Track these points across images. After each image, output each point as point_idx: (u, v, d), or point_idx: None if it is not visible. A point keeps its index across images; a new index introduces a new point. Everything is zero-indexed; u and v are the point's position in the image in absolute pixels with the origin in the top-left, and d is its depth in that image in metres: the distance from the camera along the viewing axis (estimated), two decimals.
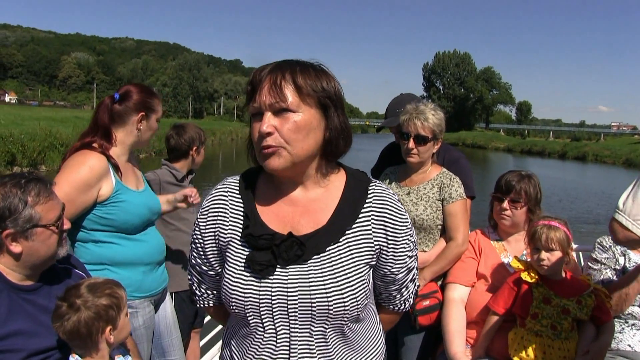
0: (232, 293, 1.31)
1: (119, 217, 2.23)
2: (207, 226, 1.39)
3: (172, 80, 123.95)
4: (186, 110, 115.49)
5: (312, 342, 1.30)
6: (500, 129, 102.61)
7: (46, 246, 1.65)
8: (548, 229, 2.21)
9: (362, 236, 1.33)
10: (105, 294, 1.67)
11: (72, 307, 1.62)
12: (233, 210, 1.37)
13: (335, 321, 1.30)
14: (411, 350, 2.63)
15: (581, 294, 2.22)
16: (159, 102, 2.40)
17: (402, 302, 1.52)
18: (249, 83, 1.28)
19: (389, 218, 1.34)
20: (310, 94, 1.24)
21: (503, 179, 2.53)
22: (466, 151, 60.65)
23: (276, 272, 1.28)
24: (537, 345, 2.21)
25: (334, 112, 1.29)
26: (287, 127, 1.23)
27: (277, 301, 1.28)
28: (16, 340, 1.60)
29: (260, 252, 1.28)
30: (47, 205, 1.63)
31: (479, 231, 2.67)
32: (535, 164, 44.55)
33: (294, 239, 1.28)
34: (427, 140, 2.52)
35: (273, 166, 1.25)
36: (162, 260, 2.49)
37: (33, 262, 1.65)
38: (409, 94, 3.00)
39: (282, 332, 1.30)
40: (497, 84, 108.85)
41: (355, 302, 1.29)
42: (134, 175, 2.40)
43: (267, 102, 1.23)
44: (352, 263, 1.30)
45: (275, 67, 1.26)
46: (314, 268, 1.28)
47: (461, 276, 2.52)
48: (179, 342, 2.65)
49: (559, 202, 19.86)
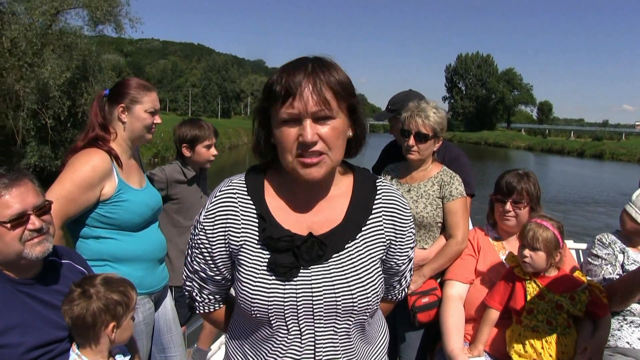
0: (254, 298, 1.28)
1: (120, 216, 2.23)
2: (216, 230, 1.34)
3: (201, 81, 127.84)
4: (215, 110, 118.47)
5: (336, 339, 1.31)
6: (522, 129, 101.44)
7: (3, 243, 1.59)
8: (537, 227, 2.21)
9: (376, 231, 1.34)
10: (118, 290, 1.69)
11: (84, 294, 1.64)
12: (244, 212, 1.33)
13: (359, 316, 1.31)
14: (410, 346, 2.64)
15: (575, 290, 2.22)
16: (146, 94, 2.34)
17: (400, 292, 1.55)
18: (282, 86, 1.21)
19: (397, 213, 1.37)
20: (345, 98, 1.24)
21: (503, 181, 2.51)
22: (488, 150, 62.60)
23: (299, 273, 1.28)
24: (535, 341, 2.21)
25: (361, 115, 1.29)
26: (330, 135, 1.21)
27: (302, 302, 1.27)
28: (15, 334, 1.60)
29: (282, 255, 1.27)
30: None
31: (478, 229, 2.67)
32: (555, 161, 46.73)
33: (314, 239, 1.28)
34: (428, 137, 2.52)
35: (315, 176, 1.24)
36: (163, 258, 2.49)
37: (3, 260, 1.63)
38: (413, 91, 3.01)
39: (306, 332, 1.30)
40: (518, 85, 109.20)
41: (377, 295, 1.32)
42: (137, 173, 2.41)
43: (310, 109, 1.19)
44: (370, 258, 1.32)
45: (311, 71, 1.21)
46: (335, 266, 1.29)
47: (460, 273, 2.53)
48: (180, 339, 2.64)
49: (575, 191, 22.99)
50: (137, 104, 2.32)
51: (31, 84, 16.62)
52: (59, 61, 17.36)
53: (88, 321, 1.63)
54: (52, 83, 16.98)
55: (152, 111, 2.36)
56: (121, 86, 2.36)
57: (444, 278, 2.59)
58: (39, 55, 17.27)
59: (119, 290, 1.70)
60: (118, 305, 1.68)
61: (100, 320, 1.64)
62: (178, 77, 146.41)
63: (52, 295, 1.73)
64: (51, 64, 16.86)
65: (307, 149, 1.21)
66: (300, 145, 1.21)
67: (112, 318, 1.67)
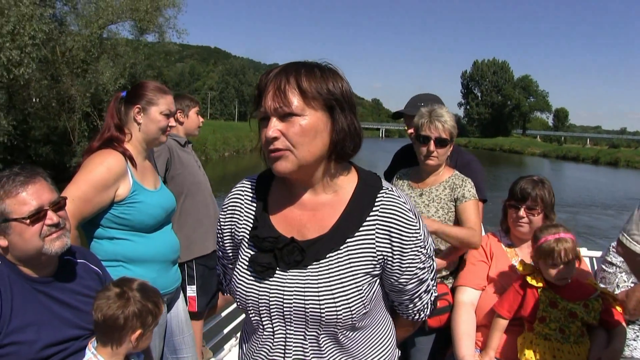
0: (236, 290, 1.37)
1: (134, 217, 2.26)
2: (225, 223, 1.45)
3: (219, 84, 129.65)
4: (232, 114, 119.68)
5: (305, 345, 1.32)
6: (537, 136, 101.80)
7: (23, 240, 1.62)
8: (559, 242, 2.18)
9: (364, 245, 1.31)
10: (153, 300, 1.71)
11: (122, 296, 1.66)
12: (246, 210, 1.41)
13: (328, 328, 1.30)
14: (420, 352, 2.62)
15: (588, 298, 2.20)
16: (162, 96, 2.37)
17: (416, 313, 1.51)
18: (256, 87, 1.28)
19: (395, 228, 1.32)
20: (316, 96, 1.24)
21: (517, 186, 2.50)
22: (502, 156, 62.88)
23: (276, 274, 1.31)
24: (547, 349, 2.19)
25: (340, 114, 1.27)
26: (292, 131, 1.23)
27: (274, 303, 1.31)
28: (31, 331, 1.62)
29: (263, 254, 1.32)
30: (16, 198, 1.61)
31: (491, 235, 2.65)
32: (569, 168, 47.14)
33: (295, 244, 1.30)
34: (447, 142, 2.52)
35: (280, 169, 1.26)
36: (176, 260, 2.51)
37: (20, 256, 1.65)
38: (431, 94, 2.99)
39: (278, 333, 1.33)
40: (534, 92, 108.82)
41: (349, 311, 1.29)
42: (152, 175, 2.44)
43: (272, 107, 1.23)
44: (349, 272, 1.30)
45: (280, 71, 1.25)
46: (311, 274, 1.30)
47: (472, 279, 2.52)
48: (191, 341, 2.67)
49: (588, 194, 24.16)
50: (152, 106, 2.36)
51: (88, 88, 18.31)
52: (114, 69, 19.08)
53: (120, 323, 1.64)
54: (110, 88, 18.47)
55: (167, 113, 2.39)
56: (138, 88, 2.40)
57: (456, 284, 2.58)
58: (94, 63, 19.04)
59: (153, 300, 1.72)
60: (150, 315, 1.70)
61: (131, 324, 1.66)
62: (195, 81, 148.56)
63: (67, 294, 1.75)
64: (108, 71, 18.55)
65: (268, 145, 1.25)
66: (265, 142, 1.26)
67: (141, 325, 1.68)
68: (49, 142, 19.89)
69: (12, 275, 1.65)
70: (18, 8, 15.58)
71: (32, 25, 15.91)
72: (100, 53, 19.46)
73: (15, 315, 1.61)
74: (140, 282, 1.75)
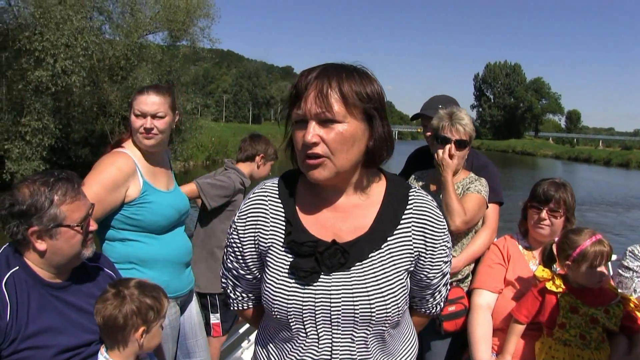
0: (275, 299, 1.31)
1: (146, 217, 2.26)
2: (247, 231, 1.38)
3: (233, 87, 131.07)
4: (246, 116, 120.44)
5: (353, 348, 1.31)
6: (550, 137, 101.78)
7: (69, 246, 1.66)
8: (598, 245, 2.15)
9: (403, 243, 1.33)
10: (152, 295, 1.70)
11: (118, 295, 1.66)
12: (273, 215, 1.36)
13: (377, 327, 1.31)
14: (436, 355, 2.60)
15: (609, 304, 2.17)
16: (137, 97, 2.33)
17: (435, 306, 1.53)
18: (293, 87, 1.26)
19: (429, 225, 1.35)
20: (356, 104, 1.23)
21: (540, 188, 2.47)
22: (515, 157, 63.09)
23: (320, 279, 1.29)
24: (566, 355, 2.17)
25: (379, 122, 1.27)
26: (332, 138, 1.22)
27: (320, 308, 1.29)
28: (47, 337, 1.62)
29: (304, 259, 1.29)
30: (72, 205, 1.64)
31: (509, 237, 2.62)
32: (581, 169, 47.51)
33: (338, 247, 1.28)
34: (467, 144, 2.52)
35: (317, 177, 1.25)
36: (189, 262, 2.51)
37: (57, 261, 1.67)
38: (448, 95, 2.99)
39: (324, 338, 1.31)
40: (546, 94, 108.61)
41: (397, 307, 1.31)
42: (164, 176, 2.43)
43: (313, 111, 1.21)
44: (393, 269, 1.31)
45: (321, 73, 1.23)
46: (356, 275, 1.29)
47: (489, 282, 2.49)
48: (204, 344, 2.67)
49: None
50: (132, 108, 2.32)
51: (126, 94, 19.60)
52: (152, 75, 20.35)
53: (119, 322, 1.64)
54: None
55: (137, 114, 2.29)
56: (139, 91, 2.38)
57: (472, 287, 2.55)
58: (134, 70, 20.27)
59: (152, 295, 1.71)
60: (150, 310, 1.69)
61: (131, 322, 1.66)
62: (209, 84, 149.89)
63: (82, 298, 1.75)
64: (148, 77, 19.84)
65: (306, 150, 1.23)
66: (302, 146, 1.24)
67: (142, 322, 1.68)
68: (87, 144, 20.81)
69: (29, 280, 1.66)
70: (71, 22, 16.75)
71: (83, 37, 17.13)
72: (139, 60, 20.70)
73: (32, 321, 1.62)
74: (138, 280, 1.75)
